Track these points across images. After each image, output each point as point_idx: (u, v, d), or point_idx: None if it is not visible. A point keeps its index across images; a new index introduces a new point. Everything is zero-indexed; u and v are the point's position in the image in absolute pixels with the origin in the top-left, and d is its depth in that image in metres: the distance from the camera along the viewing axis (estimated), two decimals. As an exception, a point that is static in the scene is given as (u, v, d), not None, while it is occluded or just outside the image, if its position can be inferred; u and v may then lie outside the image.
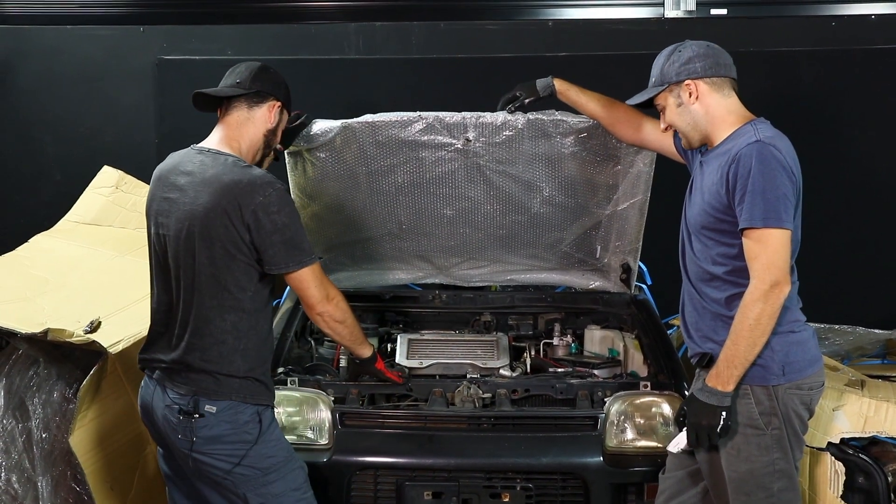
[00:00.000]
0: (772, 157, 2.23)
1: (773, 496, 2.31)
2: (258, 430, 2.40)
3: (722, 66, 2.39)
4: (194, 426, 2.36)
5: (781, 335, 2.29)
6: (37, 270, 3.18)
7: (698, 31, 4.37)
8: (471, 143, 2.93)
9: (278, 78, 2.57)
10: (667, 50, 2.44)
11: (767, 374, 2.28)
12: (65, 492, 2.75)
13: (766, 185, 2.21)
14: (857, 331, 3.82)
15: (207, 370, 2.37)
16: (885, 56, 4.37)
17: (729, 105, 2.38)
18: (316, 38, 4.53)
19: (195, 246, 2.35)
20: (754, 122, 2.35)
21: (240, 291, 2.37)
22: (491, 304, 3.38)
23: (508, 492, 2.66)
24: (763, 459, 2.30)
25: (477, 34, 4.50)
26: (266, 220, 2.32)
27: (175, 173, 2.45)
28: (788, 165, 2.24)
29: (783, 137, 2.31)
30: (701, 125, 2.39)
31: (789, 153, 2.28)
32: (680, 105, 2.39)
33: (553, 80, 2.84)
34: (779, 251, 2.22)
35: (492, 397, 2.82)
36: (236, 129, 2.49)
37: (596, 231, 3.20)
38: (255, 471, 2.40)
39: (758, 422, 2.29)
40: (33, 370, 2.80)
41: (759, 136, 2.26)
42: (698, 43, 2.42)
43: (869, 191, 4.48)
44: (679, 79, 2.38)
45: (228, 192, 2.33)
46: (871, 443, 2.77)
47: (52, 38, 4.63)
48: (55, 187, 4.63)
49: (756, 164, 2.22)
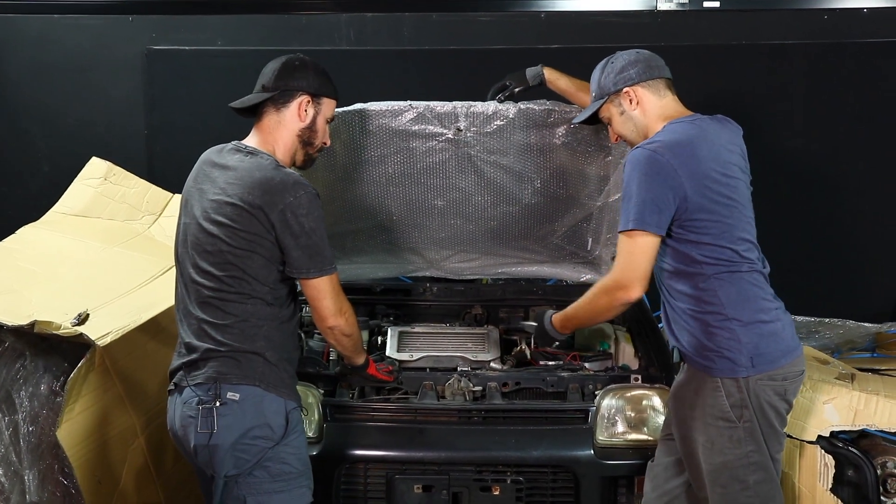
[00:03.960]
0: (644, 161, 2.29)
1: (750, 489, 2.34)
2: (285, 428, 2.33)
3: (654, 69, 2.46)
4: (215, 415, 2.27)
5: (749, 326, 2.31)
6: (24, 262, 3.15)
7: (691, 23, 4.37)
8: (461, 132, 2.91)
9: (304, 69, 2.47)
10: (599, 65, 2.54)
11: (736, 367, 2.30)
12: (52, 485, 2.73)
13: (632, 190, 2.29)
14: (847, 324, 3.83)
15: (227, 348, 2.30)
16: (877, 49, 4.37)
17: (663, 105, 2.45)
18: (307, 29, 4.50)
19: (218, 233, 2.32)
20: (670, 123, 2.39)
21: (259, 284, 2.34)
22: (482, 297, 3.37)
23: (499, 485, 2.66)
24: (736, 452, 2.32)
25: (469, 25, 4.48)
26: (294, 221, 2.30)
27: (210, 165, 2.44)
28: (667, 170, 2.27)
29: (684, 140, 2.33)
30: (641, 129, 2.46)
31: (680, 156, 2.29)
32: (622, 113, 2.48)
33: (543, 68, 2.86)
34: (635, 254, 2.30)
35: (482, 390, 2.82)
36: (270, 134, 2.46)
37: (587, 223, 3.19)
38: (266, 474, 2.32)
39: (729, 414, 2.31)
40: (20, 363, 2.78)
41: (647, 141, 2.34)
42: (628, 52, 2.50)
43: (860, 184, 4.48)
44: (617, 88, 2.46)
45: (259, 188, 2.31)
46: (861, 436, 2.77)
47: (38, 28, 4.58)
48: (43, 179, 4.60)
49: (628, 169, 2.32)
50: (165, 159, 4.49)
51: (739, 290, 2.32)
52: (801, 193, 4.42)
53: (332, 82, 2.53)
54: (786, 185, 4.42)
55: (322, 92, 2.49)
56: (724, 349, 2.30)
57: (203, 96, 4.41)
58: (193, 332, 2.37)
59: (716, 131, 2.40)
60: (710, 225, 2.30)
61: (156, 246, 3.40)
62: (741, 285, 2.32)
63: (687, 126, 2.38)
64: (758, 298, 2.35)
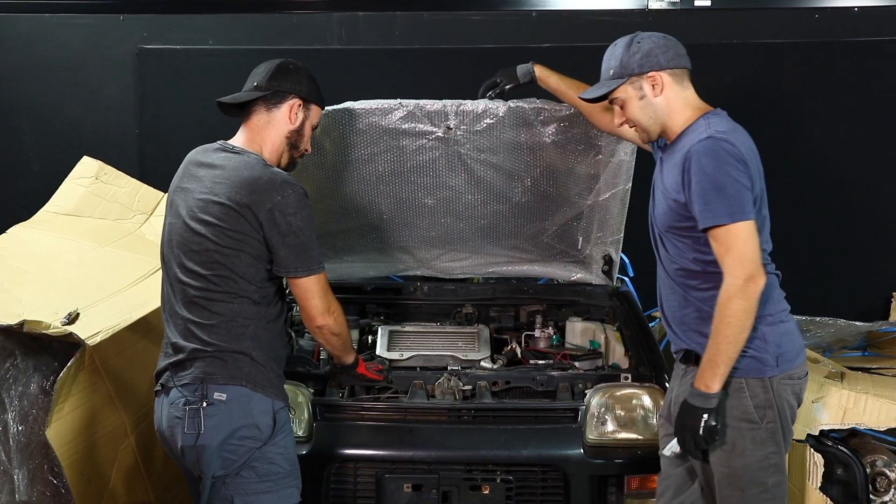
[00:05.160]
0: (724, 151, 2.20)
1: (768, 491, 2.27)
2: (272, 428, 2.32)
3: (681, 57, 2.36)
4: (202, 416, 2.26)
5: (773, 325, 2.26)
6: (14, 261, 3.14)
7: (682, 22, 4.37)
8: (452, 130, 2.91)
9: (298, 73, 2.49)
10: (623, 41, 2.37)
11: (763, 366, 2.24)
12: (41, 485, 2.72)
13: (724, 181, 2.18)
14: (838, 323, 3.84)
15: (214, 348, 2.30)
16: (868, 48, 4.38)
17: (687, 97, 2.35)
18: (298, 28, 4.50)
19: (205, 233, 2.32)
20: (708, 115, 2.32)
21: (247, 283, 2.33)
22: (472, 296, 3.37)
23: (488, 484, 2.65)
24: (758, 454, 2.25)
25: (460, 25, 4.48)
26: (282, 220, 2.30)
27: (196, 165, 2.43)
28: (743, 158, 2.21)
29: (738, 130, 2.29)
30: (661, 118, 2.34)
31: (744, 145, 2.25)
32: (642, 98, 2.34)
33: (534, 66, 2.84)
34: (748, 243, 2.18)
35: (472, 389, 2.82)
36: (258, 133, 2.46)
37: (578, 222, 3.19)
38: (253, 474, 2.32)
39: (752, 415, 2.25)
40: (10, 362, 2.76)
41: (711, 131, 2.24)
42: (655, 34, 2.37)
43: (852, 183, 4.49)
44: (642, 70, 2.32)
45: (246, 186, 2.31)
46: (850, 434, 2.78)
47: (29, 27, 4.57)
48: (34, 178, 4.58)
49: (710, 161, 2.19)
50: (157, 158, 4.48)
51: (766, 290, 2.22)
52: (792, 192, 4.42)
53: (320, 91, 2.55)
54: (775, 183, 4.37)
55: (312, 98, 2.52)
56: (751, 349, 2.23)
57: (194, 95, 4.39)
58: (180, 333, 2.36)
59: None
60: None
61: (146, 245, 3.39)
62: (768, 286, 2.23)
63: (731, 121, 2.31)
64: (780, 300, 2.32)
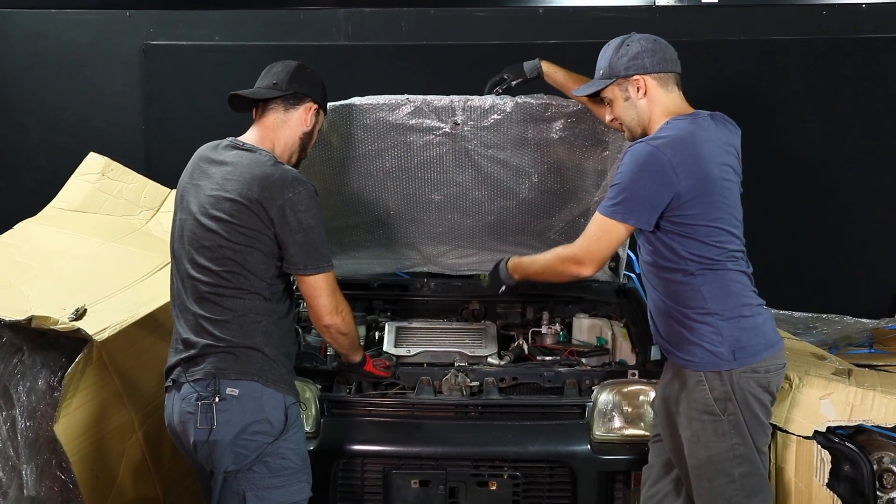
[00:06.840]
0: (649, 158, 2.27)
1: (735, 482, 2.35)
2: (284, 423, 2.33)
3: (668, 62, 2.42)
4: (214, 411, 2.27)
5: (730, 321, 2.33)
6: (21, 257, 3.15)
7: (689, 19, 4.37)
8: (459, 126, 2.91)
9: (315, 78, 2.55)
10: (614, 42, 2.46)
11: (718, 360, 2.32)
12: (50, 480, 2.73)
13: (629, 183, 2.28)
14: (844, 320, 3.84)
15: (226, 344, 2.31)
16: (875, 45, 4.37)
17: (669, 101, 2.41)
18: (305, 24, 4.50)
19: (217, 229, 2.33)
20: (672, 120, 2.37)
21: (257, 280, 2.34)
22: (479, 293, 3.36)
23: (496, 480, 2.66)
24: (721, 445, 2.33)
25: (467, 21, 4.48)
26: (293, 217, 2.31)
27: (206, 161, 2.44)
28: (665, 167, 2.26)
29: (685, 138, 2.31)
30: (643, 120, 2.43)
31: (683, 152, 2.28)
32: (627, 100, 2.43)
33: (541, 62, 2.85)
34: (603, 239, 2.33)
35: (479, 385, 2.82)
36: (272, 131, 2.48)
37: (584, 218, 3.18)
38: (265, 469, 2.33)
39: (713, 408, 2.33)
40: (17, 358, 2.77)
41: (653, 137, 2.32)
42: (646, 37, 2.43)
43: (858, 180, 4.48)
44: (627, 73, 2.41)
45: (258, 183, 2.32)
46: (858, 431, 2.77)
47: (36, 22, 4.57)
48: (40, 174, 4.59)
49: (629, 162, 2.30)
50: (163, 154, 4.48)
51: (722, 287, 2.33)
52: (799, 189, 4.42)
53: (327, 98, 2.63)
54: (783, 180, 4.42)
55: (324, 106, 2.59)
56: (706, 343, 2.32)
57: (201, 91, 4.40)
58: (191, 328, 2.36)
59: (715, 131, 2.39)
60: (700, 223, 2.31)
61: (153, 241, 3.40)
62: (724, 283, 2.33)
63: (689, 124, 2.36)
64: (740, 295, 2.36)
